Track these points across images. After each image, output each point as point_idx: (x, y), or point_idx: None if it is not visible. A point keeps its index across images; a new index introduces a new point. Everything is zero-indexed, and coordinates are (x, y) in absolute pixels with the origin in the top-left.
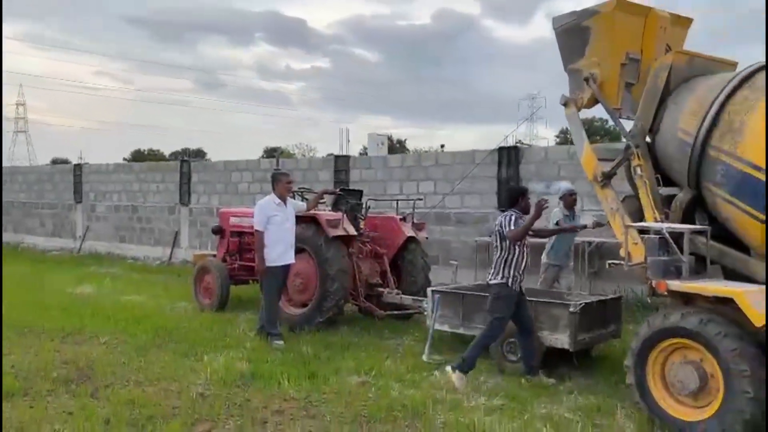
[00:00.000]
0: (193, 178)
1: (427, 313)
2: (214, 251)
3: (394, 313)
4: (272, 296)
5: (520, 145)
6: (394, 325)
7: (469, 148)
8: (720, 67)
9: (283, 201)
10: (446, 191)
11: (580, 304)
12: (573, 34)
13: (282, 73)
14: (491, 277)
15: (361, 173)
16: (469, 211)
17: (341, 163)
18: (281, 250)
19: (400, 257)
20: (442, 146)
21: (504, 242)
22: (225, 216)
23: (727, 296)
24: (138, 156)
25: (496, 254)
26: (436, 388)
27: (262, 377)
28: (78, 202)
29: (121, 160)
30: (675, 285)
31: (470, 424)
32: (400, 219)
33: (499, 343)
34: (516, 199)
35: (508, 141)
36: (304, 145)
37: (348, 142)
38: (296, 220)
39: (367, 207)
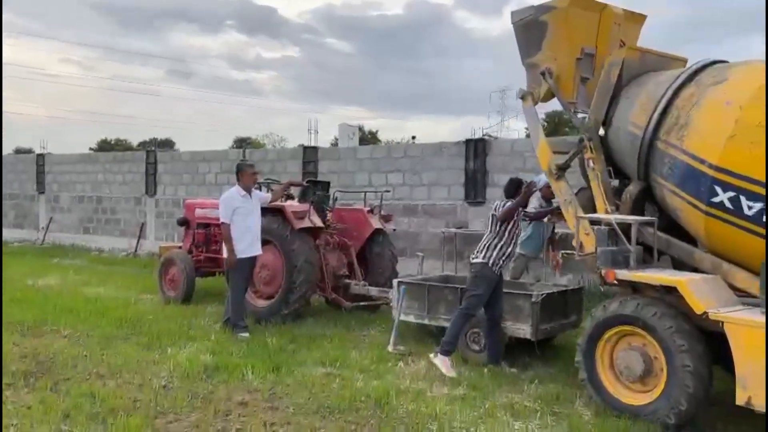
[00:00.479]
0: (160, 168)
1: (393, 304)
2: (181, 243)
3: (361, 304)
4: (238, 288)
5: (486, 137)
6: (361, 317)
7: (439, 140)
8: (671, 63)
9: (248, 192)
10: (415, 183)
11: (542, 295)
12: (531, 28)
13: (252, 62)
14: (474, 256)
15: (329, 164)
16: (437, 202)
17: (310, 155)
18: (248, 241)
19: (367, 249)
20: (413, 138)
21: (495, 225)
22: (191, 207)
23: (671, 285)
24: (105, 146)
25: (485, 235)
26: (400, 378)
27: (227, 369)
28: (41, 192)
29: (87, 150)
30: (623, 274)
31: (431, 413)
32: (368, 211)
33: (464, 333)
34: (516, 190)
35: (477, 134)
36: (274, 135)
37: (316, 132)
38: (262, 211)
39: (335, 198)
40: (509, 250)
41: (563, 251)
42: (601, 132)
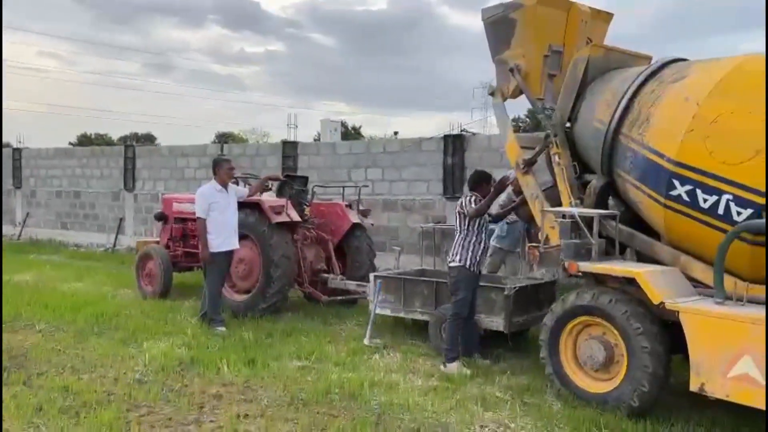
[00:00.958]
0: (138, 163)
1: (369, 297)
2: (158, 238)
3: (339, 298)
4: (215, 283)
5: (464, 133)
6: (339, 311)
7: (421, 136)
8: (635, 60)
9: (225, 187)
10: (394, 178)
11: (515, 288)
12: (500, 25)
13: (235, 56)
14: (450, 259)
15: (309, 159)
16: (416, 197)
17: (289, 149)
18: (224, 236)
19: (345, 243)
20: (396, 133)
21: (464, 224)
22: (168, 202)
23: (630, 276)
24: (84, 140)
25: (456, 236)
26: (374, 370)
27: (202, 363)
28: (17, 187)
29: (67, 145)
30: (585, 266)
31: (404, 404)
32: (346, 205)
33: (438, 326)
34: (480, 183)
35: (456, 129)
36: (258, 130)
37: (296, 127)
38: (240, 206)
39: (313, 193)
40: (482, 244)
41: (529, 244)
42: (567, 128)
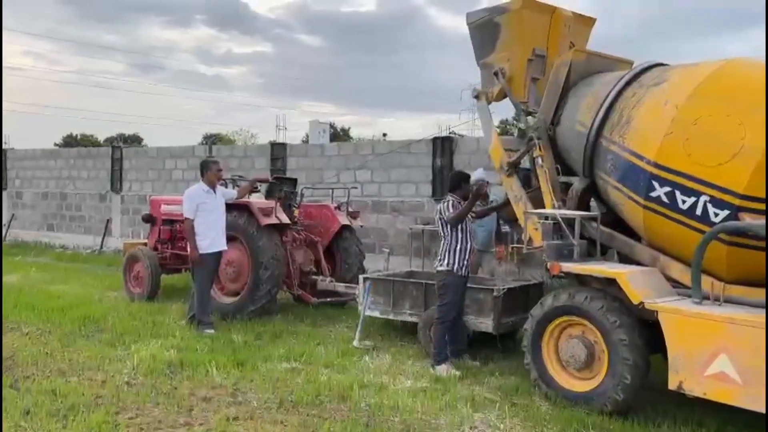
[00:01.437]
0: (126, 164)
1: (359, 299)
2: (146, 239)
3: (328, 300)
4: (204, 284)
5: (453, 135)
6: (328, 313)
7: (411, 137)
8: (616, 65)
9: (213, 189)
10: (383, 180)
11: (503, 289)
12: (485, 29)
13: (222, 57)
14: (438, 265)
15: (298, 161)
16: (405, 199)
17: (278, 151)
18: (212, 237)
19: (335, 245)
20: (384, 135)
21: (446, 229)
22: (156, 203)
23: (611, 277)
24: (70, 141)
25: (442, 242)
26: (364, 372)
27: (191, 365)
28: (2, 188)
29: (52, 146)
30: (567, 267)
31: (394, 405)
32: (335, 207)
33: (427, 327)
34: (459, 184)
35: (445, 131)
36: (245, 131)
37: (285, 129)
38: (228, 208)
39: (302, 195)
40: (468, 247)
41: (512, 245)
42: (550, 131)
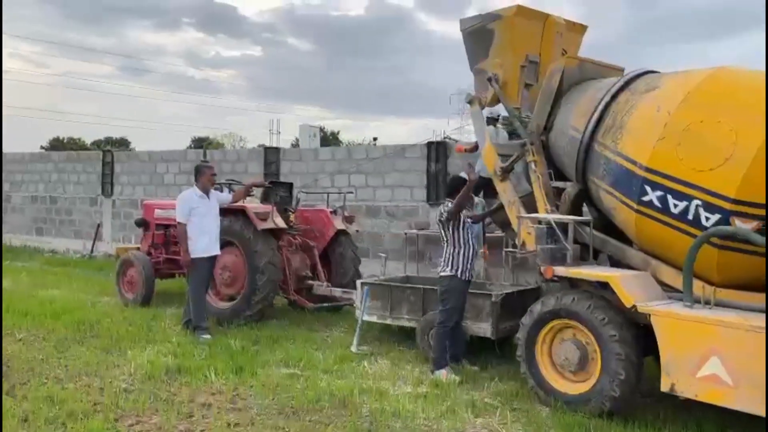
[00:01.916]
0: (117, 168)
1: (356, 304)
2: (139, 244)
3: (324, 305)
4: (199, 289)
5: (447, 140)
6: (324, 318)
7: (401, 141)
8: (608, 72)
9: (206, 193)
10: (377, 184)
11: (502, 295)
12: (478, 36)
13: (211, 60)
14: (441, 270)
15: (291, 165)
16: (400, 204)
17: (271, 155)
18: (206, 242)
19: (330, 250)
20: (375, 139)
21: (448, 233)
22: (149, 208)
23: (604, 280)
24: (56, 144)
25: (444, 246)
26: (363, 377)
27: (189, 371)
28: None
29: (38, 149)
30: (560, 270)
31: (395, 411)
32: (331, 212)
33: (425, 332)
34: (457, 189)
35: (438, 136)
36: (234, 134)
37: (278, 133)
38: (224, 212)
39: (298, 200)
40: (471, 253)
41: (505, 249)
42: (543, 136)
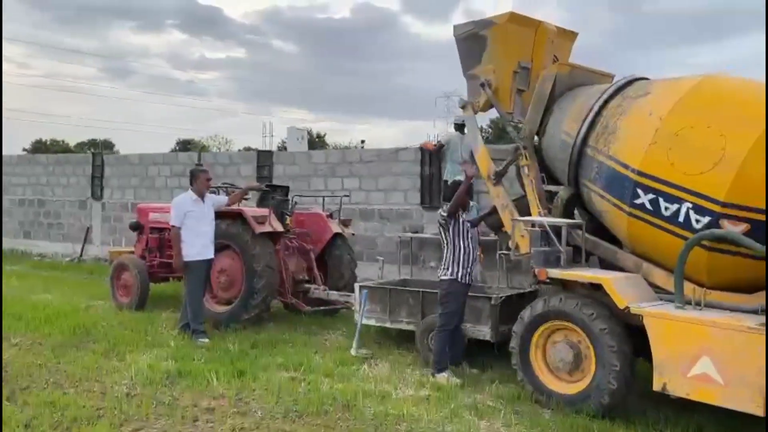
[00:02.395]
0: (107, 171)
1: (355, 308)
2: (129, 247)
3: (321, 308)
4: (195, 292)
5: (441, 143)
6: (321, 321)
7: (388, 144)
8: (598, 78)
9: (201, 197)
10: (371, 188)
11: (501, 297)
12: (471, 42)
13: (195, 62)
14: (441, 273)
15: (284, 168)
16: (393, 207)
17: (264, 158)
18: (200, 245)
19: (326, 253)
20: (363, 142)
21: (449, 236)
22: (144, 211)
23: (597, 282)
24: (40, 147)
25: (444, 249)
26: (365, 381)
27: (190, 375)
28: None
29: (20, 151)
30: (554, 273)
31: (399, 414)
32: (327, 215)
33: (424, 336)
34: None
35: (432, 138)
36: (219, 137)
37: (272, 136)
38: (222, 216)
39: (294, 203)
40: (472, 256)
41: (499, 252)
42: (535, 141)
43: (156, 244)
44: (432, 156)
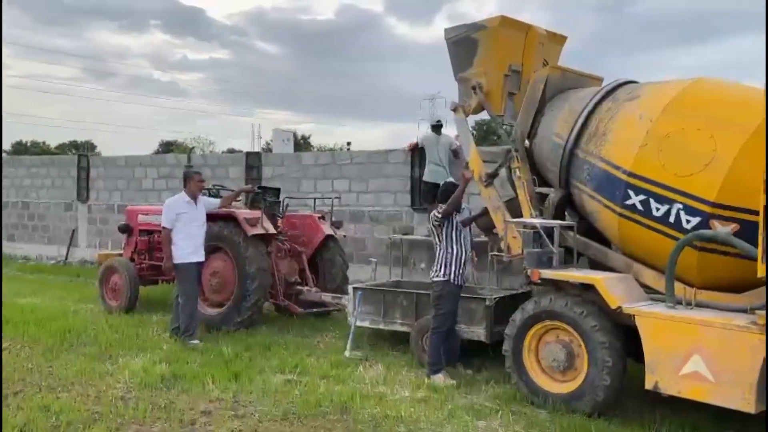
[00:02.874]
0: (93, 173)
1: (349, 309)
2: (117, 250)
3: (314, 311)
4: (189, 294)
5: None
6: (313, 323)
7: (374, 146)
8: (588, 81)
9: (194, 199)
10: (361, 189)
11: (495, 299)
12: (463, 45)
13: (178, 63)
14: (434, 274)
15: (273, 170)
16: (383, 209)
17: (252, 160)
18: (190, 248)
19: (318, 255)
20: (349, 144)
21: (441, 238)
22: (133, 213)
23: (590, 282)
24: (19, 149)
25: (437, 251)
26: (361, 382)
27: (185, 378)
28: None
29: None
30: (547, 273)
31: (397, 416)
32: (319, 217)
33: (419, 337)
34: (450, 194)
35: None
36: (202, 138)
37: (260, 138)
38: (214, 218)
39: (286, 205)
40: (464, 257)
41: (492, 253)
42: (527, 143)
43: (145, 247)
44: (422, 158)
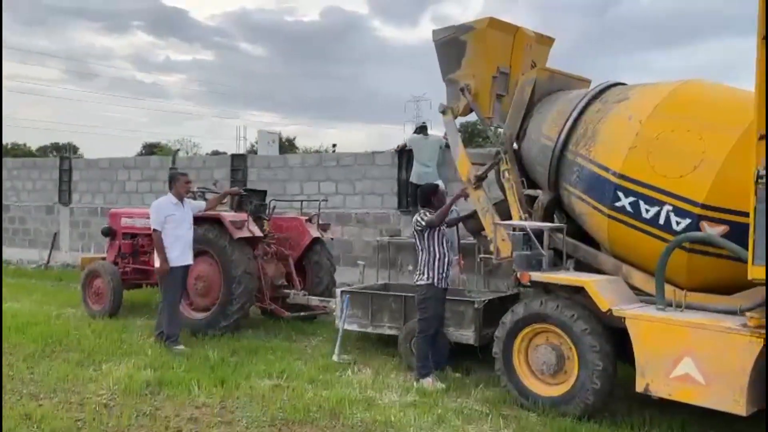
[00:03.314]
0: (75, 176)
1: (336, 313)
2: (100, 253)
3: (301, 314)
4: (172, 299)
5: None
6: (300, 327)
7: (359, 148)
8: (576, 83)
9: (181, 201)
10: (347, 192)
11: (484, 301)
12: (451, 47)
13: (161, 64)
14: (417, 278)
15: (259, 172)
16: (370, 211)
17: (238, 162)
18: (179, 250)
19: (305, 258)
20: (334, 146)
21: (424, 242)
22: (116, 217)
23: (579, 285)
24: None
25: (420, 255)
26: (349, 387)
27: (170, 385)
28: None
29: None
30: (536, 276)
31: (386, 420)
32: (306, 220)
33: (407, 340)
34: (429, 198)
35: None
36: (186, 140)
37: (245, 139)
38: (199, 221)
39: (272, 208)
40: (446, 259)
41: (480, 255)
42: (515, 145)
43: (129, 250)
44: (409, 160)
